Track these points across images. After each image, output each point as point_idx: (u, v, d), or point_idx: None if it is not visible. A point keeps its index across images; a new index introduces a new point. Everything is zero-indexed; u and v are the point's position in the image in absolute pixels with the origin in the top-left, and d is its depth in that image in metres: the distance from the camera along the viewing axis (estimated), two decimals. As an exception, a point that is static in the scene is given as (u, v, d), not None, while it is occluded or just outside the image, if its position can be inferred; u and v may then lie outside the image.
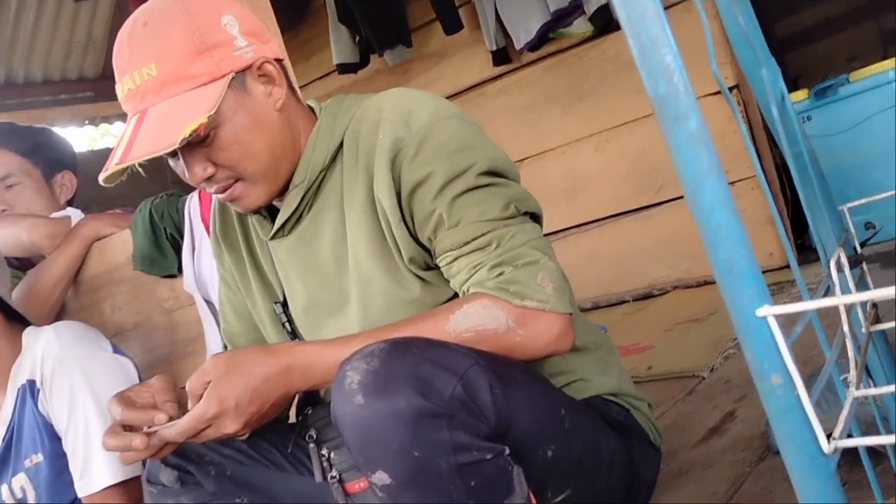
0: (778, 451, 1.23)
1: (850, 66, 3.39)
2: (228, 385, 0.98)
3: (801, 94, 2.76)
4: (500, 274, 1.00)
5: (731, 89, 2.88)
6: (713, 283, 2.85)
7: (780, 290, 2.48)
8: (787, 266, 2.74)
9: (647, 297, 3.06)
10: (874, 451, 1.05)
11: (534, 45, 3.19)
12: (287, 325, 1.25)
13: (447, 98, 1.30)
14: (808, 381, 0.56)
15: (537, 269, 1.01)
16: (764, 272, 0.51)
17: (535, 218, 1.11)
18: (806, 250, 2.80)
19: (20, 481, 1.75)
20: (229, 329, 1.37)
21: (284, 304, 1.25)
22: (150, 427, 1.04)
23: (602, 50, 3.17)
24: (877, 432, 0.78)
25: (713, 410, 1.64)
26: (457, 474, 0.87)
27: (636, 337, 2.40)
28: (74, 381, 1.68)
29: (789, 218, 2.84)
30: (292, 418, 1.31)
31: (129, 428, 1.06)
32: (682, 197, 2.87)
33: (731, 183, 2.90)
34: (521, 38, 3.19)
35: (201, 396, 0.99)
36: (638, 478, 1.17)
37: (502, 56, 3.35)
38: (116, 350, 1.80)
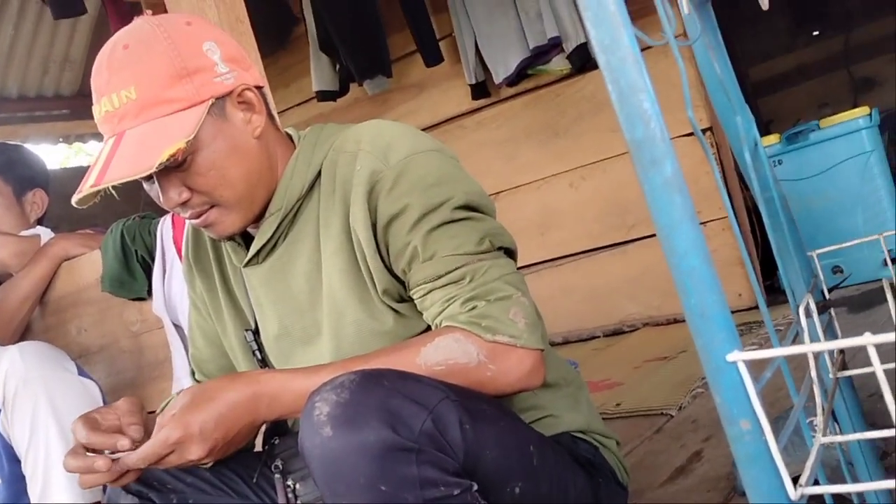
0: (744, 492, 1.24)
1: (822, 113, 3.47)
2: (193, 411, 0.97)
3: (772, 139, 2.82)
4: (473, 308, 1.00)
5: (704, 132, 2.93)
6: (683, 321, 2.88)
7: (748, 330, 2.51)
8: (756, 307, 2.77)
9: (617, 333, 3.07)
10: (839, 497, 1.06)
11: (512, 81, 3.23)
12: (257, 353, 1.24)
13: (426, 129, 1.30)
14: (775, 424, 0.56)
15: (510, 304, 1.01)
16: (732, 312, 0.52)
17: (510, 253, 1.11)
18: (774, 291, 2.83)
19: (-25, 503, 1.71)
20: (198, 355, 1.35)
21: (256, 332, 1.23)
22: (112, 452, 1.02)
23: (579, 88, 3.21)
24: (842, 478, 0.79)
25: (680, 450, 1.65)
26: (423, 510, 0.87)
27: (606, 373, 2.41)
28: (38, 402, 1.65)
29: (758, 259, 2.88)
30: (258, 447, 1.30)
31: (92, 451, 1.04)
32: (654, 235, 2.90)
33: (703, 223, 2.94)
34: (500, 73, 3.23)
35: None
36: (604, 516, 1.17)
37: (481, 90, 3.38)
38: (81, 372, 1.78)
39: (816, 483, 0.56)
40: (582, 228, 3.26)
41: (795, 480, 0.55)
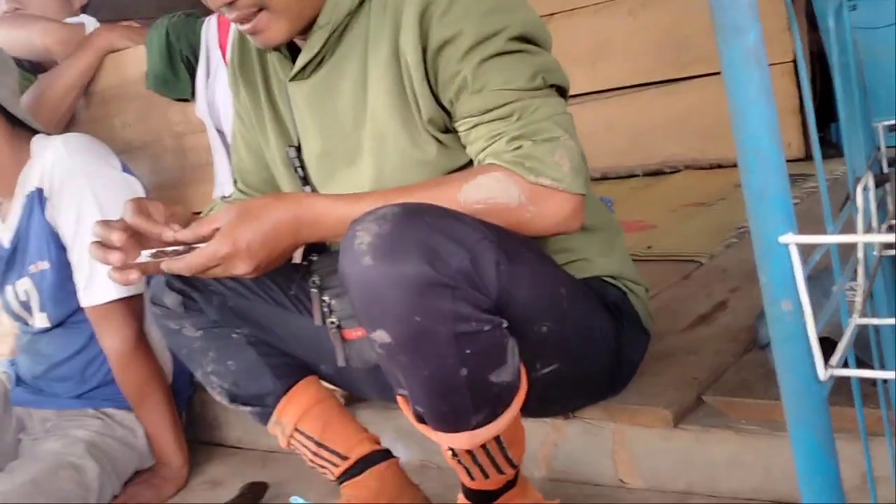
0: (764, 346, 1.26)
1: (909, -45, 3.21)
2: (241, 227, 1.00)
3: (850, -20, 2.63)
4: (518, 147, 0.99)
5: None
6: (726, 167, 2.84)
7: (792, 182, 2.46)
8: (803, 159, 2.71)
9: (657, 173, 3.03)
10: (863, 384, 1.08)
11: None
12: (299, 170, 1.24)
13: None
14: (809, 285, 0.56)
15: (556, 146, 1.00)
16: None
17: (562, 91, 1.08)
18: (825, 144, 2.75)
19: (24, 285, 1.80)
20: (241, 165, 1.37)
21: (298, 149, 1.23)
22: (155, 256, 1.05)
23: None
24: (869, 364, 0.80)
25: (706, 298, 1.67)
26: (454, 342, 0.90)
27: (641, 214, 2.40)
28: (83, 194, 1.69)
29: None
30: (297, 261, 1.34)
31: (135, 236, 1.06)
32: (708, 75, 2.79)
33: (762, 67, 2.81)
34: None
35: (205, 240, 1.01)
36: (624, 359, 1.22)
37: None
38: (125, 168, 1.80)
39: (846, 366, 0.57)
40: (634, 61, 3.14)
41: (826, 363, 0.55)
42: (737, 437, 1.20)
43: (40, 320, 1.80)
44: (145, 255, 1.06)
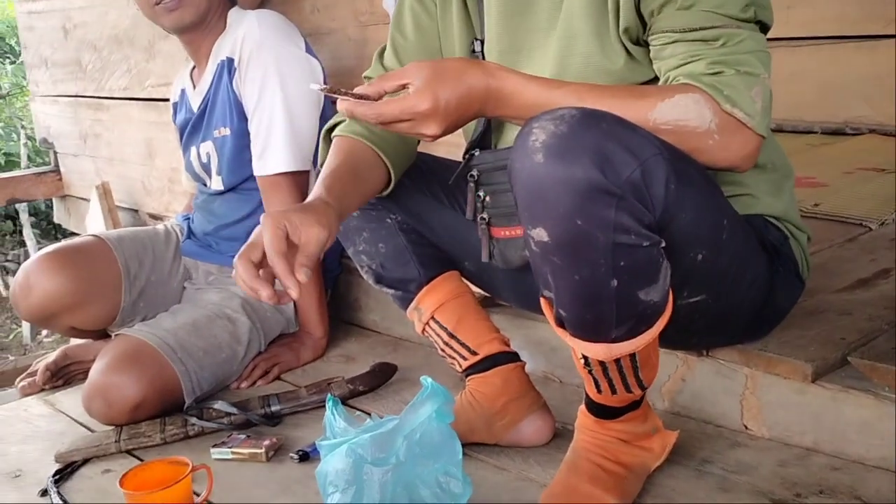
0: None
1: None
2: (441, 85, 0.97)
3: None
4: (719, 73, 0.97)
5: None
6: (916, 136, 2.62)
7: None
8: None
9: (838, 133, 2.85)
10: None
11: None
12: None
13: None
14: None
15: (755, 81, 0.98)
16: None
17: (765, 29, 1.05)
18: None
19: (207, 148, 1.93)
20: (400, 41, 1.32)
21: (483, 43, 1.24)
22: (335, 90, 1.01)
23: None
24: None
25: (869, 263, 1.59)
26: (610, 251, 0.91)
27: (813, 171, 2.28)
28: (268, 69, 1.78)
29: None
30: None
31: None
32: (918, 36, 2.58)
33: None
34: None
35: (381, 96, 0.99)
36: (773, 303, 1.19)
37: None
38: (308, 49, 1.88)
39: None
40: (835, 10, 2.92)
41: None
42: (874, 403, 1.16)
43: (216, 183, 1.94)
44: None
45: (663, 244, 0.95)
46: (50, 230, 5.03)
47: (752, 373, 1.27)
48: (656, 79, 1.06)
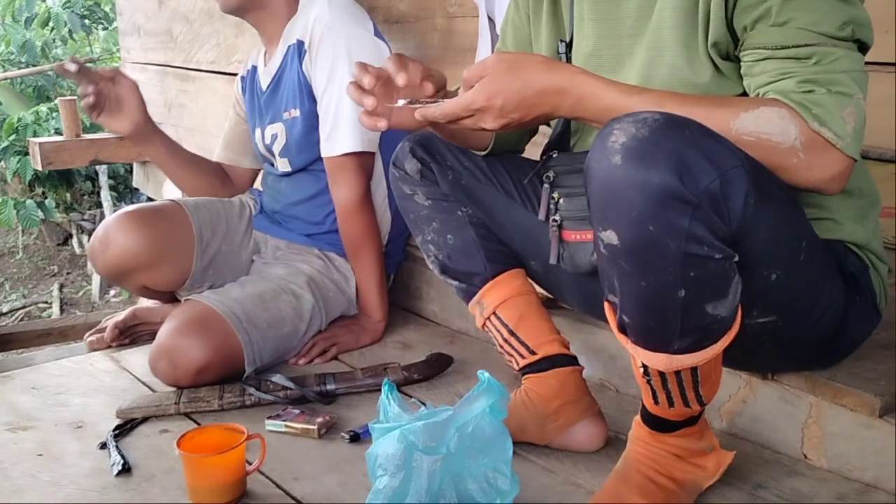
0: None
1: None
2: (501, 84, 1.00)
3: None
4: (809, 91, 0.95)
5: None
6: None
7: None
8: None
9: (928, 165, 2.75)
10: None
11: None
12: (565, 66, 1.25)
13: None
14: None
15: (848, 102, 0.95)
16: None
17: (864, 49, 1.01)
18: None
19: (276, 129, 1.96)
20: (503, 50, 1.39)
21: (569, 46, 1.24)
22: (414, 101, 1.08)
23: None
24: None
25: (951, 302, 1.53)
26: (680, 261, 0.90)
27: (897, 201, 2.20)
28: (337, 51, 1.80)
29: None
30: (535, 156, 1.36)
31: (388, 87, 1.10)
32: None
33: None
34: None
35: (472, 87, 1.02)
36: (846, 332, 1.15)
37: None
38: (377, 33, 1.89)
39: None
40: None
41: None
42: (944, 447, 1.12)
43: (283, 164, 1.97)
44: (401, 102, 1.09)
45: (736, 259, 0.93)
46: (126, 194, 5.20)
47: (817, 401, 1.24)
48: (744, 94, 1.04)
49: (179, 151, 2.03)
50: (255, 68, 2.04)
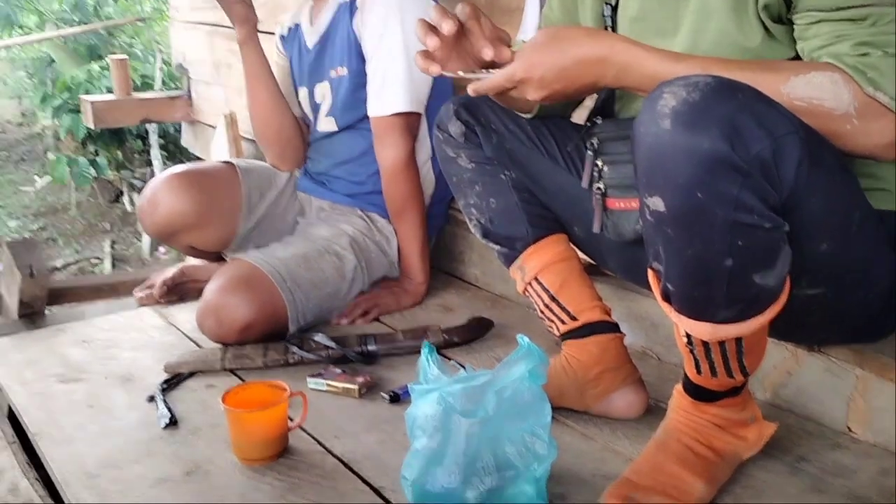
0: None
1: None
2: (541, 55, 1.02)
3: None
4: (865, 54, 0.91)
5: None
6: None
7: None
8: None
9: None
10: None
11: None
12: (610, 30, 1.23)
13: None
14: None
15: None
16: None
17: None
18: None
19: (322, 88, 1.96)
20: (550, 15, 1.37)
21: (614, 9, 1.21)
22: (467, 72, 1.09)
23: None
24: None
25: None
26: (728, 229, 0.88)
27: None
28: (389, 9, 1.78)
29: None
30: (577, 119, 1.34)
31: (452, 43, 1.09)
32: None
33: None
34: None
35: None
36: (897, 307, 1.12)
37: None
38: None
39: None
40: None
41: None
42: None
43: (328, 123, 1.97)
44: (460, 72, 1.10)
45: (786, 228, 0.91)
46: (176, 153, 5.26)
47: (864, 374, 1.22)
48: (797, 59, 1.01)
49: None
50: (297, 27, 2.03)
